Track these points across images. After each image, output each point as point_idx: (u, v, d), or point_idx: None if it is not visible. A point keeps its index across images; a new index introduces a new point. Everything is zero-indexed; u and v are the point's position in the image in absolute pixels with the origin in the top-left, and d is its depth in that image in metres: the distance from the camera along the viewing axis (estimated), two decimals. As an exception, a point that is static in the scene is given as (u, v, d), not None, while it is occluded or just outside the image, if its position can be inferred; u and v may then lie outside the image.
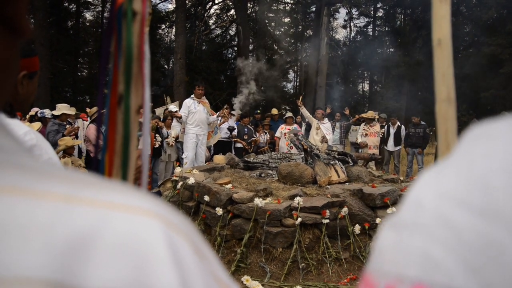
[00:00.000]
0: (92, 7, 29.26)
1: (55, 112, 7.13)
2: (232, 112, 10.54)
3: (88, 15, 30.29)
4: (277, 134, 10.23)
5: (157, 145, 7.60)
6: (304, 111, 9.88)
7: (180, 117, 7.75)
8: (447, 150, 0.59)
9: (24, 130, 1.43)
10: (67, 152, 5.71)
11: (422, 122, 10.38)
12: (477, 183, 0.28)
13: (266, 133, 10.58)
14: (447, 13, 0.58)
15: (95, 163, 0.79)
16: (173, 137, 8.25)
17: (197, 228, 3.86)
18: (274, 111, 11.89)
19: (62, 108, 7.15)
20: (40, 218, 0.26)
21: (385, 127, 10.64)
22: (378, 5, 31.66)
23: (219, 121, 8.93)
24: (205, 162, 8.09)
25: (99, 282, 0.26)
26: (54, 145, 5.70)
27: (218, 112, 8.69)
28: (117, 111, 0.68)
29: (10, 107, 1.51)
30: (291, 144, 7.06)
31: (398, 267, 0.30)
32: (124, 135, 0.68)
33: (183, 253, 0.30)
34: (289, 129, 9.62)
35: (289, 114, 10.66)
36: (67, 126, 7.11)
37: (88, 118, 7.82)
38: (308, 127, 10.57)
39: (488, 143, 0.30)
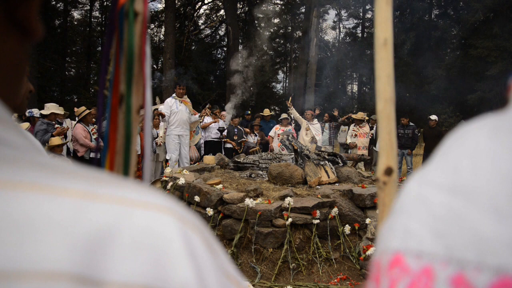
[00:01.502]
0: (80, 5, 29.00)
1: (44, 112, 7.04)
2: (223, 113, 10.53)
3: (76, 14, 30.02)
4: (271, 133, 10.24)
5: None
6: (293, 112, 9.91)
7: (163, 116, 7.69)
8: (392, 150, 0.60)
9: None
10: (55, 151, 5.66)
11: (411, 123, 10.48)
12: (450, 168, 0.33)
13: (255, 134, 10.58)
14: (390, 15, 0.61)
15: (95, 162, 0.79)
16: (161, 136, 8.21)
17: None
18: (266, 111, 11.89)
19: (51, 108, 7.07)
20: (62, 214, 0.27)
21: (374, 128, 10.73)
22: (367, 7, 31.90)
23: (201, 121, 8.90)
24: (195, 163, 8.06)
25: (119, 276, 0.27)
26: (43, 144, 5.64)
27: (200, 112, 8.66)
28: (118, 111, 0.68)
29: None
30: (283, 146, 7.08)
31: (385, 242, 0.35)
32: (125, 135, 0.68)
33: (197, 249, 0.31)
34: (283, 130, 9.65)
35: (284, 115, 10.67)
36: (56, 126, 7.03)
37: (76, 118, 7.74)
38: (297, 127, 10.62)
39: (462, 139, 0.35)
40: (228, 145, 9.68)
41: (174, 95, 7.89)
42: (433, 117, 10.87)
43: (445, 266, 0.29)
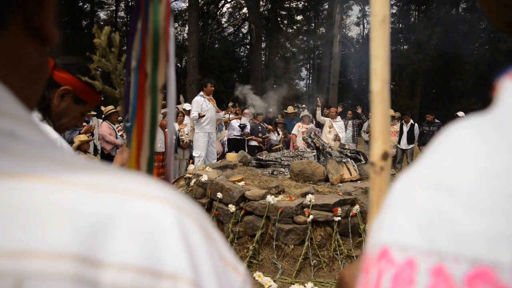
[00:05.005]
0: (106, 6, 29.57)
1: None
2: (245, 110, 10.58)
3: (102, 14, 30.61)
4: (294, 131, 10.22)
5: (170, 143, 7.64)
6: (318, 112, 9.88)
7: (203, 116, 7.67)
8: (387, 134, 0.59)
9: (52, 136, 1.49)
10: (82, 149, 5.82)
11: (436, 120, 10.27)
12: (435, 165, 0.35)
13: (278, 132, 10.57)
14: None
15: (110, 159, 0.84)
16: (187, 134, 8.29)
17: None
18: (290, 109, 11.85)
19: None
20: (68, 202, 0.31)
21: (398, 125, 10.57)
22: (392, 2, 31.34)
23: (222, 117, 8.93)
24: (218, 156, 8.12)
25: (118, 257, 0.30)
26: (70, 143, 5.81)
27: (224, 111, 8.69)
28: (145, 89, 0.73)
29: (50, 114, 1.56)
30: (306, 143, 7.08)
31: (375, 236, 0.37)
32: (151, 112, 0.73)
33: (192, 234, 0.34)
34: (306, 128, 9.61)
35: (306, 112, 10.64)
36: (83, 124, 7.22)
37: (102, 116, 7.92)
38: (318, 125, 10.57)
39: (449, 137, 0.37)
40: (253, 143, 9.70)
41: (202, 93, 7.91)
42: (461, 114, 10.55)
43: (427, 257, 0.31)
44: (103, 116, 7.75)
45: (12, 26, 0.38)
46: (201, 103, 7.70)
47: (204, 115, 7.61)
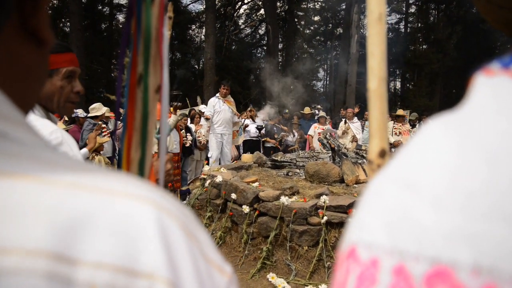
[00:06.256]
0: (125, 9, 29.89)
1: (96, 113, 7.42)
2: (261, 111, 10.59)
3: (121, 17, 31.01)
4: (310, 132, 10.18)
5: (187, 144, 7.71)
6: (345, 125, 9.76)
7: (209, 119, 7.79)
8: (385, 131, 0.58)
9: (51, 129, 1.49)
10: (97, 150, 5.91)
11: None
12: (404, 162, 0.35)
13: (294, 133, 10.54)
14: None
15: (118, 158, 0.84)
16: (204, 135, 8.34)
17: (224, 225, 3.86)
18: (307, 110, 11.82)
19: (100, 109, 7.41)
20: (47, 200, 0.31)
21: (417, 126, 10.41)
22: (411, 1, 30.99)
23: (242, 122, 8.99)
24: (233, 161, 8.16)
25: (94, 255, 0.30)
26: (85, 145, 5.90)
27: (242, 114, 8.74)
28: (137, 90, 0.73)
29: (42, 106, 1.59)
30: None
31: (347, 235, 0.36)
32: (143, 113, 0.73)
33: (171, 233, 0.34)
34: (323, 129, 9.57)
35: (322, 113, 10.60)
36: (103, 125, 7.33)
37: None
38: (335, 127, 10.52)
39: (420, 135, 0.36)
40: (268, 144, 9.70)
41: (217, 94, 7.98)
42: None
43: (389, 256, 0.31)
44: (120, 117, 7.86)
45: (8, 28, 0.38)
46: (214, 104, 7.78)
47: (209, 117, 7.67)
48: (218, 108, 7.76)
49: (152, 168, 1.19)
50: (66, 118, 8.08)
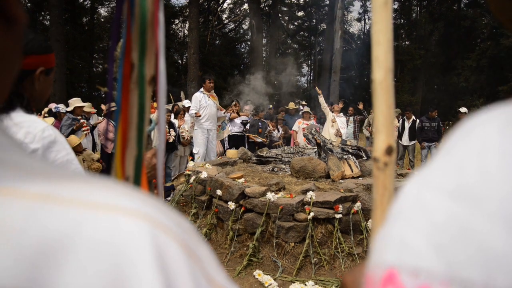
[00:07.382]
0: (107, 3, 29.45)
1: (68, 108, 7.27)
2: (246, 107, 10.53)
3: (103, 11, 30.53)
4: (294, 127, 10.21)
5: (171, 140, 7.60)
6: (322, 100, 9.85)
7: (199, 116, 7.63)
8: (391, 126, 0.53)
9: (42, 126, 1.38)
10: (75, 150, 5.79)
11: (436, 116, 10.18)
12: (454, 168, 0.29)
13: (279, 128, 10.53)
14: None
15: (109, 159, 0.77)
16: (187, 130, 8.24)
17: (209, 222, 3.80)
18: (291, 105, 11.82)
19: (74, 102, 7.24)
20: (12, 220, 0.25)
21: (400, 121, 10.51)
22: (394, -2, 31.21)
23: (227, 117, 8.91)
24: (218, 157, 8.10)
25: None
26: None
27: (226, 109, 8.66)
28: (130, 81, 0.65)
29: (28, 103, 1.49)
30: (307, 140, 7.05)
31: (379, 253, 0.31)
32: (139, 105, 0.65)
33: (170, 255, 0.28)
34: (307, 124, 9.59)
35: (306, 109, 10.62)
36: (82, 120, 7.18)
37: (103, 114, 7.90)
38: (319, 121, 10.58)
39: (469, 134, 0.31)
40: (258, 139, 9.60)
41: (202, 89, 7.86)
42: (463, 109, 10.41)
43: (447, 287, 0.25)
44: (103, 114, 7.73)
45: None
46: (200, 99, 7.65)
47: (200, 115, 7.55)
48: (204, 103, 7.65)
49: (144, 166, 1.12)
50: (46, 114, 7.91)
